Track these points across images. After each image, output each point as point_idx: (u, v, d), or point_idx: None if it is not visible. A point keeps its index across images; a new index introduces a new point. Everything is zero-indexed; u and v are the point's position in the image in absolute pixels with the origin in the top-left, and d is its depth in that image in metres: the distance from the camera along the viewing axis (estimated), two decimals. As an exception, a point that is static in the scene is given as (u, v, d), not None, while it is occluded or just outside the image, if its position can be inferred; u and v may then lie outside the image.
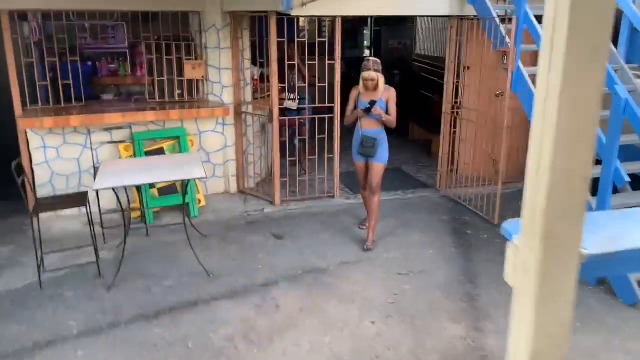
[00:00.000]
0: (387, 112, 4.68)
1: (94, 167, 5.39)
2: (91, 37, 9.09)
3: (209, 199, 6.18)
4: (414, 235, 5.25)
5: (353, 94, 4.80)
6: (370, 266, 4.64)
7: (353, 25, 11.75)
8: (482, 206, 5.71)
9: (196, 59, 6.15)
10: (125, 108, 5.73)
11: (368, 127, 4.73)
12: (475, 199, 5.88)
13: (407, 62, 10.37)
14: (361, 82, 4.66)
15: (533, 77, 5.02)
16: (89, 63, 8.77)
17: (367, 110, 4.59)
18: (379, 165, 4.81)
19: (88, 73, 8.00)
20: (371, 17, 12.77)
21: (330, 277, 4.44)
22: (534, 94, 3.97)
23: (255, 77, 6.89)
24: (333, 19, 5.64)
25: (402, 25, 12.12)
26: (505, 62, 5.03)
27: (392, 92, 4.71)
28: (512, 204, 5.92)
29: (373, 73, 4.56)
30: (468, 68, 6.25)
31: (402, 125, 9.87)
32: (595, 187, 4.24)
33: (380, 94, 4.66)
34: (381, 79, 4.63)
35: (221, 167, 6.34)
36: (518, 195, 6.21)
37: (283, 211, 5.90)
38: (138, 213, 5.62)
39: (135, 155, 5.62)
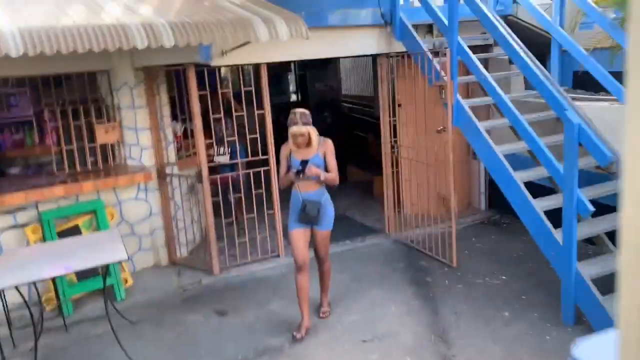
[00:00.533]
0: (326, 169, 4.04)
1: (-5, 258, 4.57)
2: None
3: (137, 276, 5.45)
4: (372, 290, 4.78)
5: (284, 153, 4.13)
6: (329, 336, 4.10)
7: (277, 71, 11.48)
8: (436, 248, 5.35)
9: (108, 121, 5.52)
10: (28, 185, 4.98)
11: (307, 190, 4.05)
12: (428, 241, 5.52)
13: (336, 103, 10.17)
14: (290, 139, 3.98)
15: (473, 108, 4.79)
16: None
17: (300, 173, 3.93)
18: (325, 232, 4.18)
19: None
20: (294, 61, 12.59)
21: (288, 358, 3.86)
22: (477, 126, 3.66)
23: (178, 134, 6.33)
24: (256, 66, 5.23)
25: (326, 66, 11.98)
26: (443, 96, 4.77)
27: (328, 145, 4.07)
28: (465, 242, 5.62)
29: (302, 127, 3.89)
30: (400, 105, 6.01)
31: (339, 168, 9.69)
32: (556, 217, 3.97)
33: (314, 149, 4.00)
34: (313, 133, 3.96)
35: (148, 238, 5.66)
36: (469, 231, 5.95)
37: (223, 280, 5.27)
38: (54, 304, 4.82)
39: (44, 239, 4.86)
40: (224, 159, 6.34)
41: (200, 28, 3.72)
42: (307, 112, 4.01)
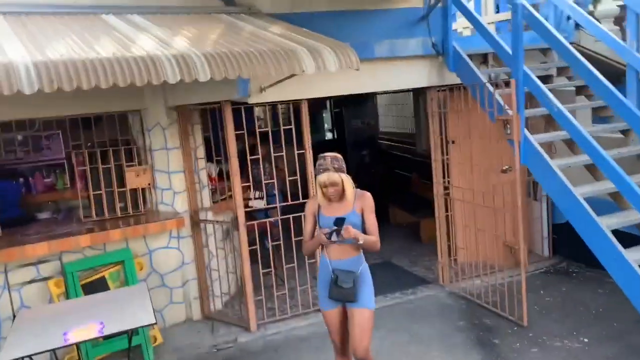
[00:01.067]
0: (363, 230, 3.21)
1: (14, 316, 4.18)
2: (21, 150, 8.08)
3: (168, 333, 4.97)
4: (432, 353, 4.16)
5: (310, 208, 3.32)
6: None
7: (311, 109, 11.13)
8: (501, 303, 4.71)
9: (139, 164, 5.16)
10: (53, 233, 4.60)
11: (340, 257, 3.21)
12: (491, 294, 4.89)
13: (374, 140, 9.72)
14: (318, 190, 3.19)
15: (544, 145, 4.24)
16: (20, 180, 7.70)
17: (333, 234, 3.09)
18: (365, 312, 3.20)
19: (17, 191, 6.89)
20: (330, 98, 12.26)
21: None
22: (550, 164, 3.09)
23: (213, 176, 5.92)
24: (291, 104, 4.81)
25: (363, 103, 11.58)
26: (508, 132, 4.24)
27: (367, 199, 3.23)
28: (532, 295, 4.96)
29: (334, 175, 3.10)
30: (453, 142, 5.49)
31: (381, 209, 9.06)
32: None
33: (350, 204, 3.19)
34: (348, 182, 3.16)
35: (179, 291, 5.19)
36: (534, 282, 5.30)
37: (261, 339, 4.73)
38: (75, 366, 4.36)
39: (68, 293, 4.44)
40: (260, 204, 5.89)
41: (239, 60, 3.32)
42: (339, 156, 3.23)
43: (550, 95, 4.02)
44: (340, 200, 3.20)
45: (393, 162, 9.23)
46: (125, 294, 3.98)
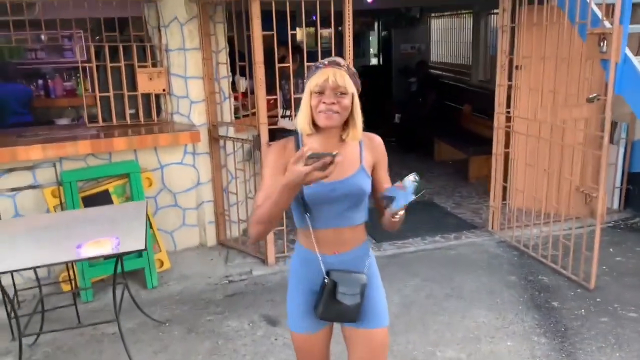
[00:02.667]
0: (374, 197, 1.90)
1: None
2: (41, 50, 7.52)
3: (177, 258, 4.46)
4: (476, 312, 3.50)
5: (273, 158, 1.81)
6: (418, 378, 2.90)
7: (357, 28, 10.12)
8: (564, 258, 3.97)
9: (154, 65, 4.48)
10: (48, 138, 4.04)
11: (337, 248, 1.87)
12: (552, 247, 4.15)
13: (424, 67, 8.71)
14: (304, 112, 1.75)
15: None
16: (38, 82, 7.20)
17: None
18: (378, 335, 1.94)
19: (27, 94, 6.39)
20: (378, 19, 11.18)
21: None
22: None
23: (241, 91, 5.22)
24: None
25: (415, 26, 10.49)
26: (604, 49, 3.33)
27: (379, 146, 1.92)
28: (602, 253, 4.17)
29: (344, 74, 1.72)
30: (517, 67, 4.57)
31: (425, 143, 8.24)
32: None
33: (356, 152, 1.86)
34: (358, 107, 1.78)
35: (193, 212, 4.63)
36: (603, 237, 4.48)
37: (279, 273, 4.17)
38: (69, 285, 3.91)
39: (65, 204, 3.92)
40: (290, 124, 5.18)
41: None
42: (352, 68, 1.81)
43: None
44: (339, 141, 1.80)
45: (444, 92, 8.28)
46: (124, 210, 3.41)
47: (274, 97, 4.20)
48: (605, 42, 3.33)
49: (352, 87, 1.74)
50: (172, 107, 4.54)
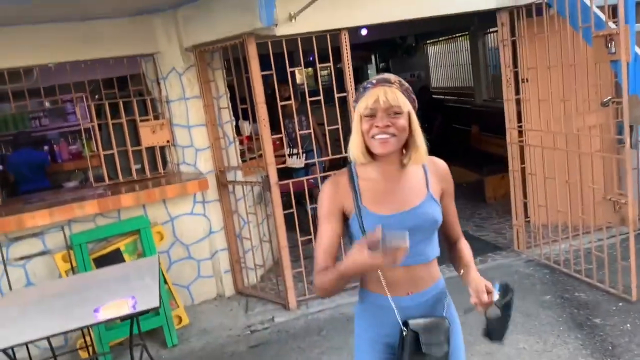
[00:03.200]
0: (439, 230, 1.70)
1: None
2: (45, 116, 7.60)
3: (196, 312, 4.31)
4: (515, 338, 3.29)
5: (329, 200, 1.61)
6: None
7: (355, 63, 10.18)
8: (599, 271, 3.77)
9: (156, 118, 4.44)
10: (54, 202, 3.97)
11: (412, 288, 1.63)
12: (582, 260, 3.95)
13: (427, 92, 8.66)
14: (356, 139, 1.56)
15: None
16: (45, 147, 7.24)
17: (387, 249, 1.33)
18: None
19: (44, 160, 6.42)
20: (375, 52, 11.25)
21: None
22: None
23: (246, 134, 5.18)
24: (328, 36, 3.92)
25: (412, 54, 10.53)
26: (613, 50, 3.22)
27: (444, 171, 1.71)
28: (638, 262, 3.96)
29: (397, 93, 1.52)
30: (523, 81, 4.47)
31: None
32: None
33: (421, 179, 1.64)
34: (417, 126, 1.57)
35: (208, 263, 4.50)
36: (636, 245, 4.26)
37: (302, 318, 3.99)
38: (86, 352, 3.75)
39: (76, 267, 3.81)
40: (299, 163, 5.12)
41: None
42: (405, 83, 1.60)
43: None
44: (399, 167, 1.60)
45: (449, 115, 8.21)
46: (134, 268, 3.28)
47: (279, 136, 4.11)
48: (613, 42, 3.23)
49: (407, 105, 1.53)
50: (178, 158, 4.47)
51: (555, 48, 3.91)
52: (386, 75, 1.58)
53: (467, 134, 7.60)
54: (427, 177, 1.64)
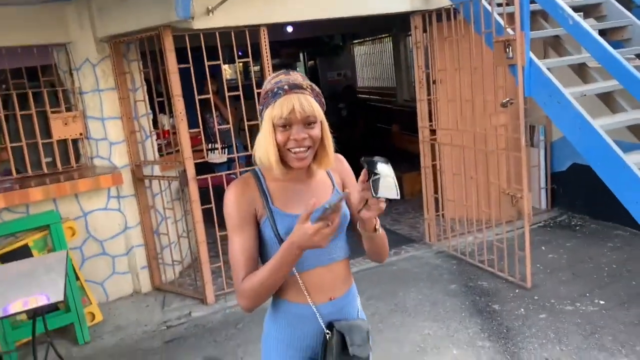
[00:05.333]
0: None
1: None
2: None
3: (110, 308, 4.22)
4: (421, 325, 3.47)
5: (237, 207, 1.51)
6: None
7: (282, 62, 10.23)
8: (499, 262, 4.05)
9: (68, 110, 4.30)
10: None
11: (332, 293, 1.59)
12: (487, 252, 4.22)
13: (351, 92, 8.87)
14: (268, 146, 1.46)
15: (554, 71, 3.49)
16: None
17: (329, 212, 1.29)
18: None
19: None
20: (303, 50, 11.36)
21: None
22: (564, 94, 2.33)
23: (166, 128, 5.11)
24: (247, 31, 3.96)
25: (339, 54, 10.73)
26: (510, 55, 3.47)
27: (344, 164, 1.69)
28: (536, 252, 4.30)
29: (310, 100, 1.45)
30: (437, 81, 4.71)
31: (360, 165, 8.26)
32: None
33: (326, 177, 1.64)
34: (327, 129, 1.52)
35: (124, 259, 4.41)
36: (533, 238, 4.62)
37: (220, 312, 4.01)
38: (-8, 353, 3.59)
39: (-22, 265, 3.63)
40: (220, 157, 5.12)
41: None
42: (315, 87, 1.53)
43: (565, 8, 3.25)
44: (307, 172, 1.58)
45: (373, 114, 8.45)
46: (37, 264, 3.18)
47: (197, 130, 4.10)
48: (511, 47, 3.48)
49: (320, 113, 1.46)
50: (92, 151, 4.35)
51: (464, 51, 4.15)
52: (297, 78, 1.47)
53: (389, 133, 7.85)
54: (330, 173, 1.64)
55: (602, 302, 3.51)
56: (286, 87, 1.43)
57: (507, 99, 3.74)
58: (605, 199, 3.77)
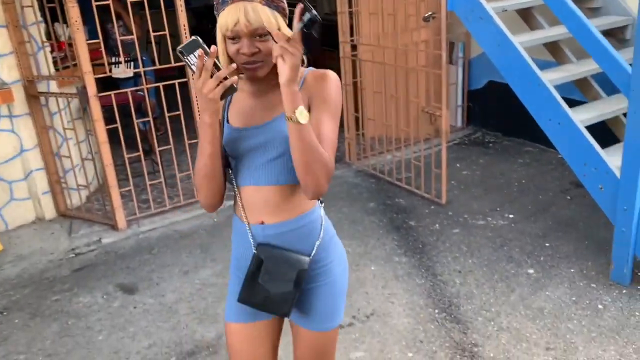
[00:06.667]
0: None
1: None
2: None
3: (11, 237, 3.92)
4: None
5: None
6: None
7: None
8: (416, 179, 4.11)
9: (-61, 15, 3.70)
10: None
11: (269, 216, 1.47)
12: (405, 170, 4.27)
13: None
14: (221, 45, 1.34)
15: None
16: None
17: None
18: (321, 338, 1.59)
19: None
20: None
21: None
22: (486, 8, 2.26)
23: (63, 39, 4.57)
24: None
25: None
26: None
27: (318, 80, 1.43)
28: (450, 169, 4.41)
29: (260, 8, 1.28)
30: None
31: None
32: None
33: (292, 90, 1.27)
34: (284, 34, 1.25)
35: (22, 184, 4.05)
36: (450, 154, 4.72)
37: (132, 238, 3.83)
38: None
39: None
40: (126, 72, 4.71)
41: None
42: None
43: None
44: (270, 83, 1.41)
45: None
46: None
47: (97, 41, 3.68)
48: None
49: (274, 23, 1.29)
50: (-27, 64, 3.82)
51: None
52: None
53: (335, 57, 7.56)
54: (302, 87, 1.41)
55: (511, 215, 3.68)
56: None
57: (430, 13, 3.63)
58: (518, 116, 3.86)
